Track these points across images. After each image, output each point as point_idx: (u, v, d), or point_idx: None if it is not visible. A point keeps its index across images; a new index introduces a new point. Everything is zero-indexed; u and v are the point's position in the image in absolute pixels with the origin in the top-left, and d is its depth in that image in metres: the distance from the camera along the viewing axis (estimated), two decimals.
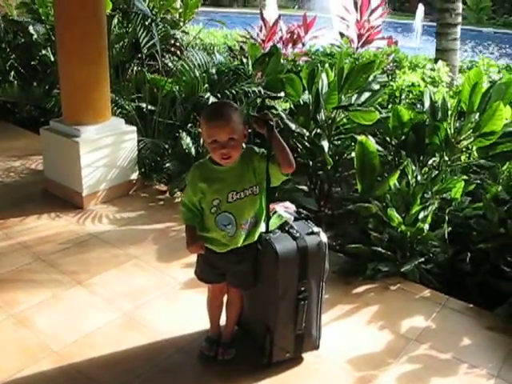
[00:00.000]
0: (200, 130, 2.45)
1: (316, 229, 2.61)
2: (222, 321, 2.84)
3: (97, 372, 2.67)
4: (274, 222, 2.60)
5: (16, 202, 4.42)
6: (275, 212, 2.65)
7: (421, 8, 13.38)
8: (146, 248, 3.80)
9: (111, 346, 2.83)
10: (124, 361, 2.75)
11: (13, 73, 6.63)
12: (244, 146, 2.46)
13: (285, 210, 2.72)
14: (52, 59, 6.19)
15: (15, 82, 6.40)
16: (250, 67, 5.03)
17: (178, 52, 6.37)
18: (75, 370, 2.68)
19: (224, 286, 2.70)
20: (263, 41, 7.26)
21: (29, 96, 6.19)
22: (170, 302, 3.23)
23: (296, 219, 2.68)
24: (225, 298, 2.78)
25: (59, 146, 4.45)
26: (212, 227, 2.48)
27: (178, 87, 5.00)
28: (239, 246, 2.52)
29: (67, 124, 4.39)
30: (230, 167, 2.43)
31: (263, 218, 2.56)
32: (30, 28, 6.35)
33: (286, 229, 2.59)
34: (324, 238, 2.58)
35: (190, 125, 4.95)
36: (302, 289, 2.56)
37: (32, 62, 6.58)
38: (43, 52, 6.37)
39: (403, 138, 3.99)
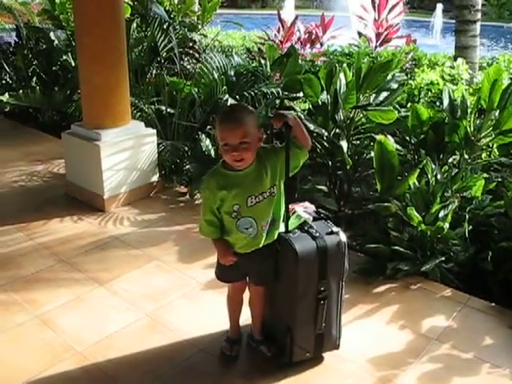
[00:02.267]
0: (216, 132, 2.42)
1: (335, 228, 2.61)
2: (242, 321, 2.85)
3: (119, 372, 2.71)
4: (293, 223, 2.61)
5: (39, 206, 4.50)
6: (294, 212, 2.66)
7: (439, 5, 13.29)
8: (167, 249, 3.84)
9: (133, 347, 2.87)
10: (146, 361, 2.78)
11: (35, 78, 6.75)
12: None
13: (304, 210, 2.72)
14: (73, 64, 6.28)
15: (37, 87, 6.51)
16: (269, 68, 5.05)
17: (197, 55, 6.41)
18: (98, 369, 2.72)
19: (245, 283, 2.72)
20: (281, 42, 7.29)
21: (50, 101, 6.30)
22: (191, 302, 3.26)
23: (315, 219, 2.68)
24: (245, 296, 2.79)
25: (80, 150, 4.51)
26: (233, 231, 2.48)
27: (196, 90, 5.04)
28: (261, 246, 2.53)
29: (88, 128, 4.45)
30: (246, 172, 2.41)
31: (281, 217, 2.57)
32: (51, 34, 6.46)
33: (306, 229, 2.59)
34: (343, 237, 2.58)
35: (209, 127, 4.99)
36: (322, 288, 2.56)
37: (53, 68, 6.69)
38: (64, 57, 6.48)
39: (422, 136, 3.96)
